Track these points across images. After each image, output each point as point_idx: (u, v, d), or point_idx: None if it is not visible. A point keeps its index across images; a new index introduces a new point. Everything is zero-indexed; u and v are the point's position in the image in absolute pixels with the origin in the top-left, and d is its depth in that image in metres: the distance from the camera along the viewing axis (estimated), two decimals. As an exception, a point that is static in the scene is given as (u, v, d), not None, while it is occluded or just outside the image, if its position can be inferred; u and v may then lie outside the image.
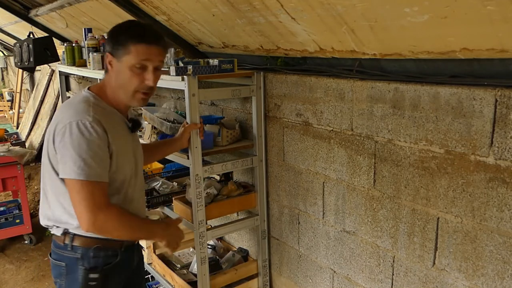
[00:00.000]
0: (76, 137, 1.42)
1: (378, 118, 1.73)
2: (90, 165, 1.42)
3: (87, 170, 1.42)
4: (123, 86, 1.53)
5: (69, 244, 1.55)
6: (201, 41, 2.65)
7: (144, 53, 1.49)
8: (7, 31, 6.75)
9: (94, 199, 1.44)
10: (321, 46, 1.86)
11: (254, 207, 2.45)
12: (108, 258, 1.59)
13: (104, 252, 1.58)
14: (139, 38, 1.49)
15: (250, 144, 2.37)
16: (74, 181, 1.43)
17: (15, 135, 5.06)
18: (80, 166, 1.41)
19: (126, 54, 1.49)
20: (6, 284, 3.45)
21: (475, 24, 1.23)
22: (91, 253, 1.55)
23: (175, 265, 2.69)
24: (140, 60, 1.49)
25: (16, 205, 4.45)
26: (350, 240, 1.96)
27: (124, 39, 1.49)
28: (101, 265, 1.57)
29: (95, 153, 1.43)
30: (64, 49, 3.48)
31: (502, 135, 1.34)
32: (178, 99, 3.14)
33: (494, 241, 1.41)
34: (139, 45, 1.48)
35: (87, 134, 1.42)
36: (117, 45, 1.50)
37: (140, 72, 1.51)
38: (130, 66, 1.49)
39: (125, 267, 1.69)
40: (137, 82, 1.51)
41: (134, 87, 1.52)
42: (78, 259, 1.55)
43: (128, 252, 1.67)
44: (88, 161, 1.42)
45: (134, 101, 1.57)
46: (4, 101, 10.50)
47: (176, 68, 2.05)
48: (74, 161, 1.42)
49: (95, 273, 1.55)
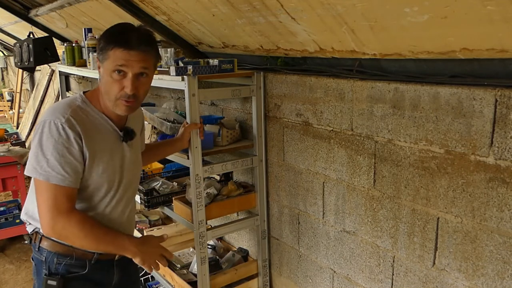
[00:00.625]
0: (45, 136, 1.37)
1: (378, 118, 1.73)
2: (54, 167, 1.36)
3: (50, 172, 1.36)
4: (107, 93, 1.45)
5: (37, 244, 1.50)
6: (201, 41, 2.65)
7: (121, 59, 1.38)
8: (7, 31, 6.75)
9: (56, 203, 1.37)
10: (321, 46, 1.86)
11: (254, 207, 2.45)
12: (72, 267, 1.49)
13: (69, 260, 1.48)
14: (116, 42, 1.39)
15: (250, 144, 2.37)
16: (38, 181, 1.38)
17: (15, 135, 5.05)
18: (43, 167, 1.36)
19: (106, 59, 1.41)
20: (6, 284, 3.44)
21: (475, 24, 1.23)
22: (55, 258, 1.47)
23: (175, 265, 2.69)
24: (116, 65, 1.39)
25: (16, 205, 4.44)
26: (350, 240, 1.96)
27: (104, 43, 1.42)
28: (63, 273, 1.48)
29: (61, 155, 1.36)
30: (64, 49, 3.49)
31: (502, 135, 1.34)
32: (178, 99, 3.14)
33: (494, 241, 1.41)
34: (117, 50, 1.38)
35: (56, 135, 1.36)
36: (100, 50, 1.43)
37: (119, 78, 1.41)
38: (109, 72, 1.41)
39: (96, 283, 1.55)
40: (117, 89, 1.41)
41: (114, 95, 1.43)
42: (42, 262, 1.49)
43: (101, 266, 1.54)
44: (52, 162, 1.36)
45: (118, 109, 1.46)
46: (4, 101, 10.50)
47: (176, 68, 2.05)
48: (38, 160, 1.37)
49: (53, 280, 1.46)
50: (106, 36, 1.43)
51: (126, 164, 1.57)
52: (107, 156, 1.49)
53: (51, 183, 1.37)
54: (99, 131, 1.48)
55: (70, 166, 1.38)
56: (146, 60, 1.43)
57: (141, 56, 1.41)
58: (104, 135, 1.49)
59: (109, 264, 1.58)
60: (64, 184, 1.37)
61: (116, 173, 1.53)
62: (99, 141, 1.46)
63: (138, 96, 1.45)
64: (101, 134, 1.48)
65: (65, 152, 1.37)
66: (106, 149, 1.49)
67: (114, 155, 1.52)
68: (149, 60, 1.45)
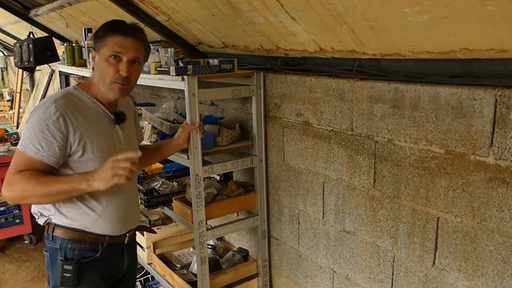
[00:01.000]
0: (33, 115, 1.50)
1: (378, 118, 1.73)
2: (31, 141, 1.47)
3: (28, 144, 1.48)
4: (102, 77, 1.58)
5: (50, 235, 1.59)
6: (201, 41, 2.65)
7: (118, 44, 1.54)
8: (7, 31, 6.75)
9: (15, 166, 1.48)
10: (321, 46, 1.86)
11: (254, 207, 2.45)
12: (86, 251, 1.59)
13: (82, 244, 1.58)
14: (114, 29, 1.56)
15: (250, 144, 2.37)
16: (17, 151, 1.52)
17: (15, 135, 5.04)
18: (24, 140, 1.49)
19: (103, 46, 1.56)
20: (6, 284, 3.44)
21: (475, 24, 1.23)
22: (69, 244, 1.57)
23: (175, 265, 2.69)
24: (113, 50, 1.54)
25: (16, 205, 4.44)
26: (350, 240, 1.96)
27: (102, 32, 1.57)
28: (77, 257, 1.58)
29: (40, 130, 1.47)
30: (64, 49, 3.48)
31: (502, 135, 1.34)
32: (178, 99, 3.14)
33: (494, 241, 1.41)
34: (115, 37, 1.55)
35: (41, 114, 1.48)
36: (97, 39, 1.58)
37: (115, 62, 1.55)
38: (106, 57, 1.55)
39: (110, 266, 1.67)
40: (112, 72, 1.55)
41: (109, 78, 1.56)
42: (57, 249, 1.58)
43: (112, 250, 1.66)
44: (32, 137, 1.47)
45: (111, 92, 1.58)
46: (4, 101, 10.49)
47: (176, 68, 2.05)
48: (23, 136, 1.51)
49: (69, 265, 1.56)
50: (104, 26, 1.59)
51: (121, 145, 1.67)
52: (99, 136, 1.58)
53: (27, 155, 1.48)
54: (90, 114, 1.59)
55: (45, 141, 1.47)
56: (139, 49, 1.60)
57: (135, 44, 1.57)
58: (95, 118, 1.60)
59: (119, 248, 1.70)
60: (37, 157, 1.47)
61: (111, 153, 1.58)
62: (90, 123, 1.57)
63: (130, 80, 1.59)
64: (93, 117, 1.59)
65: (45, 128, 1.47)
66: (98, 130, 1.59)
67: (107, 136, 1.62)
68: (141, 50, 1.61)
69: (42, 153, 1.47)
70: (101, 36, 1.57)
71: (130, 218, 1.74)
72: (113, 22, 1.60)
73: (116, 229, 1.67)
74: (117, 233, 1.67)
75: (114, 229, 1.65)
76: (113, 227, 1.65)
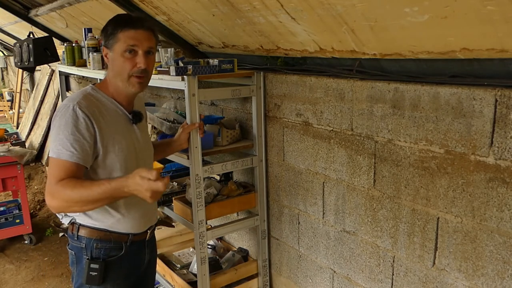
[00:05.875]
0: (59, 119, 1.50)
1: (378, 118, 1.73)
2: (64, 144, 1.46)
3: (61, 149, 1.47)
4: (119, 73, 1.58)
5: (75, 234, 1.61)
6: (201, 41, 2.65)
7: (131, 38, 1.55)
8: (7, 31, 6.75)
9: (57, 175, 1.46)
10: (321, 46, 1.86)
11: (254, 207, 2.45)
12: (111, 250, 1.62)
13: (107, 243, 1.61)
14: (125, 24, 1.56)
15: (250, 144, 2.37)
16: (51, 158, 1.50)
17: (15, 135, 5.04)
18: (56, 146, 1.47)
19: (116, 42, 1.56)
20: (6, 284, 3.44)
21: (475, 24, 1.23)
22: (94, 243, 1.60)
23: (175, 265, 2.69)
24: (128, 45, 1.55)
25: (16, 205, 4.45)
26: (350, 240, 1.96)
27: (112, 28, 1.57)
28: (103, 256, 1.61)
29: (71, 133, 1.47)
30: (64, 49, 3.48)
31: (502, 135, 1.34)
32: (178, 99, 3.14)
33: (494, 241, 1.41)
34: (126, 31, 1.55)
35: (68, 116, 1.48)
36: (108, 36, 1.58)
37: (131, 56, 1.56)
38: (121, 52, 1.56)
39: (133, 263, 1.71)
40: (129, 66, 1.56)
41: (127, 72, 1.57)
42: (82, 249, 1.60)
43: (135, 247, 1.69)
44: (63, 141, 1.47)
45: (130, 87, 1.60)
46: (4, 101, 10.49)
47: (176, 68, 2.05)
48: (53, 140, 1.49)
49: (95, 264, 1.59)
50: (112, 23, 1.58)
51: (139, 144, 1.69)
52: (119, 136, 1.60)
53: (61, 159, 1.46)
54: (110, 114, 1.59)
55: (78, 143, 1.47)
56: (151, 39, 1.61)
57: (147, 34, 1.58)
58: (115, 118, 1.61)
59: (141, 244, 1.74)
60: (72, 160, 1.46)
61: (131, 153, 1.63)
62: (111, 123, 1.58)
63: (148, 71, 1.61)
64: (113, 117, 1.60)
65: (74, 130, 1.47)
66: (119, 131, 1.60)
67: (127, 136, 1.64)
68: (153, 39, 1.63)
69: (77, 155, 1.47)
70: (111, 33, 1.57)
71: (150, 214, 1.78)
72: (121, 17, 1.60)
73: (139, 227, 1.70)
74: (139, 231, 1.71)
75: (136, 227, 1.69)
76: (136, 225, 1.69)
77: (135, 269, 1.73)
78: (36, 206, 4.86)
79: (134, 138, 1.67)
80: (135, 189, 1.41)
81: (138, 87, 1.61)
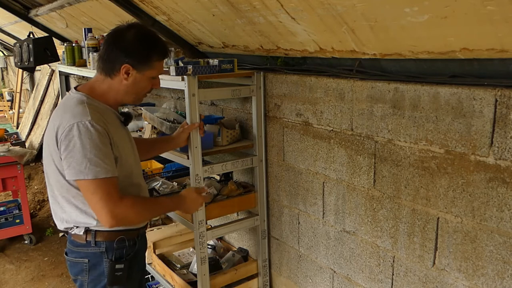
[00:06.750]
0: (79, 138, 1.47)
1: (378, 118, 1.73)
2: (97, 163, 1.48)
3: (95, 169, 1.48)
4: (137, 93, 1.67)
5: (92, 241, 1.62)
6: (201, 41, 2.65)
7: (162, 67, 1.69)
8: (7, 31, 6.75)
9: (109, 195, 1.50)
10: (321, 46, 1.86)
11: (254, 207, 2.45)
12: (129, 248, 1.68)
13: (126, 242, 1.67)
14: (162, 55, 1.66)
15: (250, 144, 2.37)
16: (86, 181, 1.49)
17: (15, 135, 5.04)
18: (87, 166, 1.47)
19: (150, 69, 1.62)
20: (6, 284, 3.44)
21: (475, 24, 1.23)
22: (115, 245, 1.64)
23: (175, 265, 2.69)
24: (159, 72, 1.67)
25: (16, 205, 4.45)
26: (350, 240, 1.96)
27: (148, 54, 1.61)
28: (125, 255, 1.66)
29: (99, 150, 1.49)
30: (64, 49, 3.48)
31: (502, 135, 1.34)
32: (178, 99, 3.14)
33: (494, 241, 1.41)
34: (161, 61, 1.66)
35: (89, 134, 1.48)
36: (141, 59, 1.60)
37: (153, 79, 1.68)
38: (150, 78, 1.65)
39: (142, 254, 1.83)
40: (149, 87, 1.69)
41: (145, 92, 1.69)
42: (102, 253, 1.63)
43: (143, 240, 1.81)
44: (94, 160, 1.47)
45: (137, 101, 1.73)
46: (4, 101, 10.49)
47: (176, 68, 2.05)
48: (80, 162, 1.47)
49: (120, 264, 1.64)
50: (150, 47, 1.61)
51: (133, 145, 1.78)
52: (124, 138, 1.68)
53: (100, 178, 1.49)
54: (112, 120, 1.63)
55: (108, 157, 1.52)
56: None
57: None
58: (115, 123, 1.66)
59: (144, 236, 1.85)
60: (109, 175, 1.51)
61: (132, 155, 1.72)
62: (115, 129, 1.62)
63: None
64: (114, 123, 1.65)
65: (102, 145, 1.50)
66: (121, 135, 1.66)
67: (127, 139, 1.72)
68: None
69: (112, 170, 1.52)
70: (147, 58, 1.60)
71: None
72: (158, 44, 1.64)
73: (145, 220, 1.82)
74: (144, 223, 1.81)
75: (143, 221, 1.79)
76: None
77: (142, 261, 1.85)
78: (36, 206, 4.86)
79: (131, 140, 1.77)
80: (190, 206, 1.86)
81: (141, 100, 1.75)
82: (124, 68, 1.58)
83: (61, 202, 1.60)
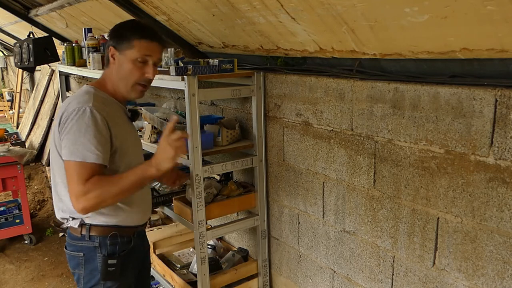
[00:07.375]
0: (77, 122, 1.51)
1: (378, 118, 1.73)
2: (89, 148, 1.49)
3: (86, 153, 1.49)
4: (125, 78, 1.63)
5: (86, 235, 1.63)
6: (201, 41, 2.65)
7: (146, 48, 1.60)
8: (7, 31, 6.75)
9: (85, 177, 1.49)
10: (321, 46, 1.86)
11: (254, 207, 2.45)
12: (124, 244, 1.68)
13: (120, 239, 1.67)
14: (142, 34, 1.61)
15: (250, 144, 2.37)
16: (72, 162, 1.51)
17: (15, 135, 5.04)
18: (79, 149, 1.49)
19: (129, 48, 1.60)
20: (6, 284, 3.44)
21: (475, 24, 1.23)
22: (108, 240, 1.64)
23: (175, 265, 2.69)
24: (142, 54, 1.60)
25: (16, 205, 4.45)
26: (350, 240, 1.96)
27: (128, 34, 1.61)
28: (118, 251, 1.66)
29: (93, 136, 1.50)
30: (64, 49, 3.48)
31: (502, 135, 1.34)
32: (178, 99, 3.14)
33: (494, 241, 1.41)
34: (143, 41, 1.60)
35: (87, 119, 1.50)
36: (121, 39, 1.61)
37: (141, 66, 1.62)
38: (132, 59, 1.60)
39: (138, 253, 1.80)
40: (138, 74, 1.62)
41: (134, 79, 1.63)
42: (96, 248, 1.64)
43: (139, 238, 1.80)
44: (87, 145, 1.49)
45: (133, 93, 1.66)
46: (4, 101, 10.49)
47: (176, 68, 2.05)
48: (74, 143, 1.50)
49: (113, 259, 1.64)
50: (130, 28, 1.63)
51: (137, 140, 1.79)
52: (126, 133, 1.68)
53: (87, 162, 1.49)
54: (116, 112, 1.65)
55: (101, 145, 1.52)
56: (161, 51, 1.69)
57: (159, 48, 1.66)
58: (120, 115, 1.67)
59: (142, 235, 1.86)
60: (98, 161, 1.51)
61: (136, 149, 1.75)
62: (119, 121, 1.63)
63: (151, 81, 1.69)
64: (118, 114, 1.66)
65: (96, 133, 1.51)
66: (124, 128, 1.68)
67: (131, 133, 1.74)
68: (162, 52, 1.71)
69: (102, 157, 1.52)
70: (126, 38, 1.60)
71: (150, 206, 1.88)
72: (139, 25, 1.65)
73: (143, 218, 1.80)
74: (143, 222, 1.81)
75: (142, 219, 1.78)
76: (141, 217, 1.78)
77: (139, 260, 1.82)
78: (36, 206, 4.86)
79: (136, 134, 1.80)
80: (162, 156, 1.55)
81: (140, 94, 1.67)
82: (110, 52, 1.64)
83: (60, 189, 1.62)
